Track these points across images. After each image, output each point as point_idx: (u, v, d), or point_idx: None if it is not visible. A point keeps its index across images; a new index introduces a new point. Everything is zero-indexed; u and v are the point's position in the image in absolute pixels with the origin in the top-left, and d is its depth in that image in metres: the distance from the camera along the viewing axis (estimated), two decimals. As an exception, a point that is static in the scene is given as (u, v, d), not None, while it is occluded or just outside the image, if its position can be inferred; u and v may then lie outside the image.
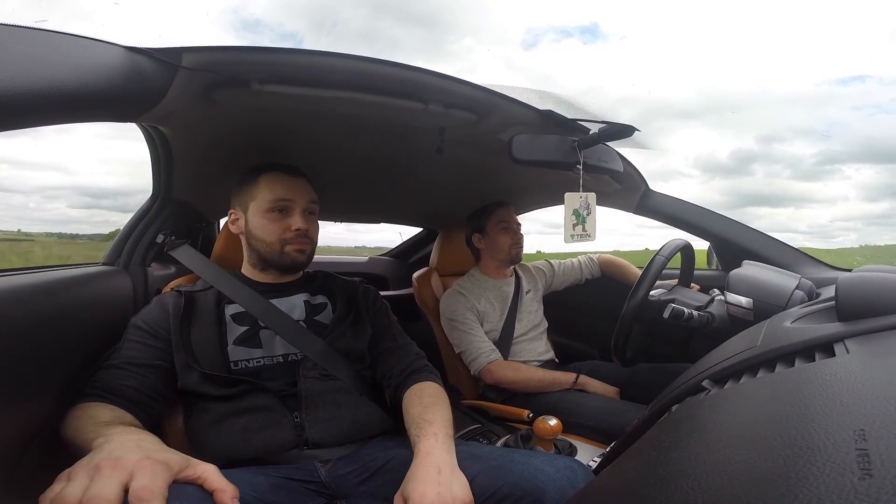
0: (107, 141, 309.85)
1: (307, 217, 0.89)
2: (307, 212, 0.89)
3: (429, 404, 0.75)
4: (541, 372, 1.26)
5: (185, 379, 0.76)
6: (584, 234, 0.87)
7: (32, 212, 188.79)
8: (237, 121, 0.83)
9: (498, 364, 1.25)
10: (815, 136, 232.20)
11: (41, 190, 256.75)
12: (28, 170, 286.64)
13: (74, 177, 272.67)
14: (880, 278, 0.48)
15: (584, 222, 0.87)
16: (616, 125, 0.80)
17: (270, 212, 0.86)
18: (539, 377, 1.24)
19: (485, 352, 1.26)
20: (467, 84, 0.73)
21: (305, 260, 0.90)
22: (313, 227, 0.91)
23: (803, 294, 0.91)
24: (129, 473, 0.42)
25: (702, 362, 0.59)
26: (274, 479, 0.67)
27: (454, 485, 0.58)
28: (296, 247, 0.87)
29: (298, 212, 0.87)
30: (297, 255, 0.88)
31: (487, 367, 1.24)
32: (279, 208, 0.86)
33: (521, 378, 1.24)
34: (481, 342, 1.27)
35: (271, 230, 0.86)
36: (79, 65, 0.48)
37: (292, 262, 0.88)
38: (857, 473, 0.21)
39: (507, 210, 1.39)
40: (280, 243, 0.87)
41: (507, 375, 1.24)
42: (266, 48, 0.63)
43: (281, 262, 0.88)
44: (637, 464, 0.38)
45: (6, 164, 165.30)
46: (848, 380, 0.32)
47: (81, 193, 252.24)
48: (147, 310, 0.83)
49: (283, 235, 0.86)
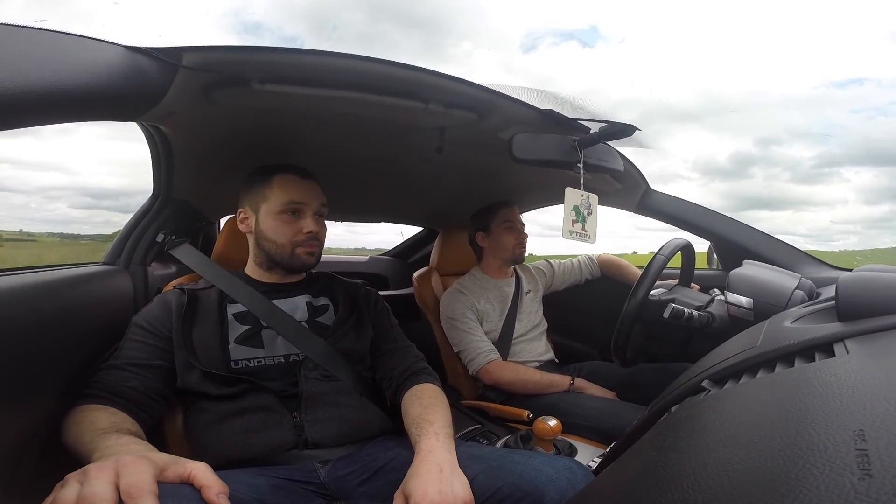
0: (109, 142, 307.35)
1: (317, 220, 0.90)
2: (318, 214, 0.90)
3: (429, 405, 0.75)
4: (538, 374, 1.25)
5: (186, 377, 0.76)
6: (583, 234, 0.86)
7: (34, 212, 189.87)
8: (237, 120, 0.83)
9: (496, 364, 1.25)
10: (812, 138, 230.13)
11: (43, 190, 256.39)
12: (30, 170, 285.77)
13: (76, 177, 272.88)
14: (880, 278, 0.48)
15: (584, 221, 0.86)
16: (617, 124, 0.80)
17: (283, 213, 0.87)
18: (536, 379, 1.24)
19: (483, 351, 1.26)
20: (467, 83, 0.73)
21: (314, 262, 0.91)
22: (323, 230, 0.91)
23: (803, 294, 0.91)
24: (115, 473, 0.42)
25: (702, 362, 0.59)
26: (274, 481, 0.67)
27: (455, 484, 0.58)
28: (306, 249, 0.88)
29: (310, 215, 0.88)
30: (308, 257, 0.89)
31: (485, 368, 1.24)
32: (291, 210, 0.87)
33: (518, 379, 1.23)
34: (480, 342, 1.27)
35: (283, 232, 0.87)
36: (79, 64, 0.48)
37: (302, 265, 0.90)
38: (857, 474, 0.21)
39: (512, 209, 1.40)
40: (291, 245, 0.87)
41: (505, 376, 1.24)
42: (266, 48, 0.63)
43: (291, 264, 0.89)
44: (637, 464, 0.38)
45: (8, 165, 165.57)
46: (848, 380, 0.32)
47: (83, 194, 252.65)
48: (149, 308, 0.83)
49: (294, 238, 0.87)
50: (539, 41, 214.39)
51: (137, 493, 0.41)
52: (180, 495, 0.45)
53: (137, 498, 0.41)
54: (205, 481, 0.46)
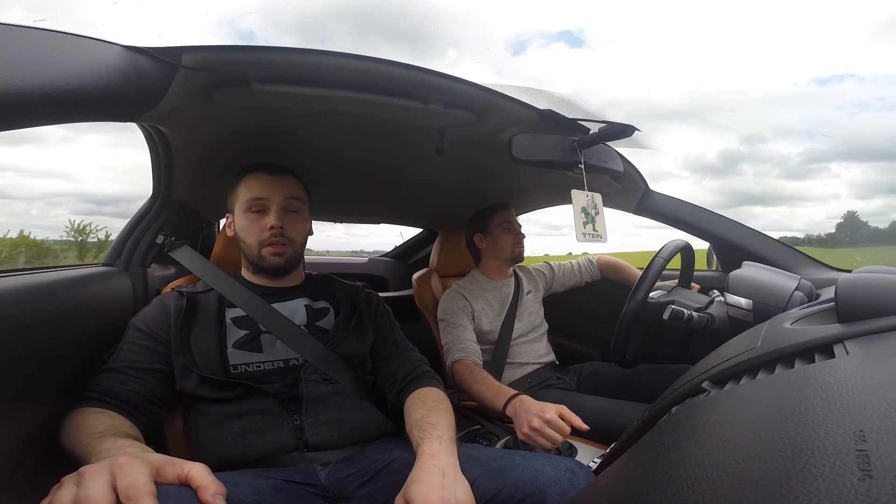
0: (110, 149, 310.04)
1: (286, 215, 0.86)
2: (286, 210, 0.86)
3: (432, 408, 0.74)
4: (489, 392, 1.04)
5: (184, 382, 0.75)
6: (595, 234, 0.84)
7: (35, 218, 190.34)
8: (237, 121, 0.83)
9: (462, 364, 1.15)
10: (797, 135, 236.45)
11: (44, 197, 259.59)
12: (32, 177, 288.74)
13: (78, 184, 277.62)
14: (880, 279, 0.48)
15: (593, 221, 0.85)
16: (616, 125, 0.80)
17: (248, 212, 0.85)
18: (480, 393, 1.06)
19: (454, 349, 1.18)
20: (467, 83, 0.73)
21: (283, 263, 0.86)
22: (293, 227, 0.87)
23: (803, 295, 0.91)
24: (111, 474, 0.42)
25: (701, 364, 0.59)
26: (275, 482, 0.66)
27: (458, 489, 0.57)
28: (272, 249, 0.85)
29: (274, 210, 0.85)
30: (273, 258, 0.85)
31: (453, 367, 1.16)
32: (256, 208, 0.85)
33: (469, 388, 1.09)
34: (456, 341, 1.20)
35: (250, 231, 0.85)
36: (79, 65, 0.48)
37: (269, 266, 0.86)
38: (857, 475, 0.21)
39: (509, 211, 1.41)
40: (258, 245, 0.85)
41: (463, 380, 1.12)
42: (266, 47, 0.63)
43: (261, 265, 0.86)
44: (637, 465, 0.38)
45: (11, 172, 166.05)
46: (848, 381, 0.32)
47: (84, 200, 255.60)
48: (147, 311, 0.82)
49: (260, 237, 0.85)
50: (528, 43, 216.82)
51: (135, 495, 0.41)
52: (180, 496, 0.45)
53: (136, 499, 0.40)
54: (202, 482, 0.46)
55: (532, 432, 0.85)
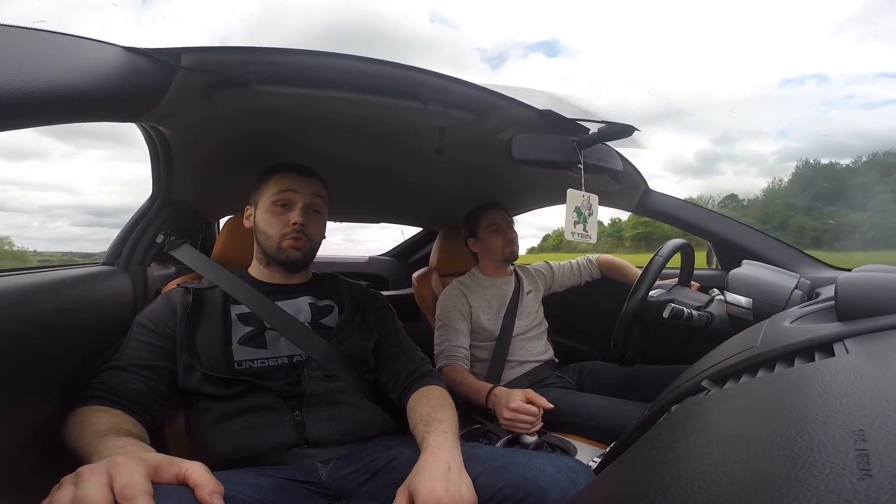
0: (110, 162, 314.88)
1: (309, 214, 0.88)
2: (310, 208, 0.89)
3: (437, 405, 0.75)
4: (470, 391, 1.08)
5: (187, 379, 0.76)
6: (584, 234, 0.87)
7: (36, 230, 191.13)
8: (237, 121, 0.83)
9: (448, 368, 1.18)
10: (765, 136, 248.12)
11: (45, 209, 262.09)
12: (35, 190, 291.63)
13: (79, 196, 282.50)
14: (880, 278, 0.48)
15: (585, 221, 0.87)
16: (616, 125, 0.80)
17: (274, 205, 0.87)
18: (464, 394, 1.08)
19: (443, 353, 1.21)
20: (466, 84, 0.73)
21: (301, 257, 0.89)
22: (314, 226, 0.90)
23: (802, 294, 0.91)
24: (108, 474, 0.42)
25: (701, 362, 0.59)
26: (276, 481, 0.67)
27: (462, 484, 0.58)
28: (292, 242, 0.87)
29: (299, 206, 0.87)
30: (292, 251, 0.87)
31: (441, 372, 1.16)
32: (282, 202, 0.87)
33: (456, 392, 1.07)
34: (446, 344, 1.22)
35: (273, 224, 0.87)
36: (78, 65, 0.48)
37: (286, 259, 0.88)
38: (857, 474, 0.21)
39: (496, 211, 1.39)
40: (279, 238, 0.87)
41: (449, 383, 1.08)
42: (265, 48, 0.63)
43: (278, 257, 0.88)
44: (637, 464, 0.38)
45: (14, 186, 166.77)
46: (847, 380, 0.32)
47: (84, 212, 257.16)
48: (153, 307, 0.82)
49: (283, 230, 0.87)
50: (507, 54, 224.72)
51: (132, 494, 0.41)
52: (178, 495, 0.45)
53: (132, 499, 0.41)
54: (199, 480, 0.46)
55: (507, 422, 0.93)
